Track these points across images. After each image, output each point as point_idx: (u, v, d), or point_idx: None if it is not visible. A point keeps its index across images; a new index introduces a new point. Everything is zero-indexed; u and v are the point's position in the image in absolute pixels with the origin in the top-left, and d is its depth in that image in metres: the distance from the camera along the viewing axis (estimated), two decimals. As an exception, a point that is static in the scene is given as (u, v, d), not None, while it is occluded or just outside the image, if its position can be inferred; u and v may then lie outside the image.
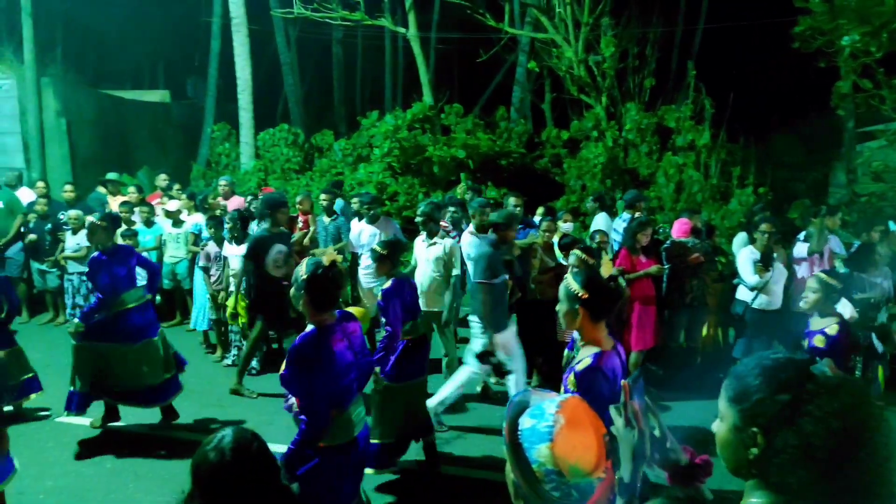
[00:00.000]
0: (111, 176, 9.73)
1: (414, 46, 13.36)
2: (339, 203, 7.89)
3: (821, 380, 1.19)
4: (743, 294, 6.14)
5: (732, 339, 6.78)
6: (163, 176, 9.53)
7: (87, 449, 5.00)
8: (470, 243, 5.95)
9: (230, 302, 6.52)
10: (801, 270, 6.34)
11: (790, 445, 1.16)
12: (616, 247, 6.80)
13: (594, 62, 11.68)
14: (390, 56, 22.72)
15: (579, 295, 2.65)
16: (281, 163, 12.37)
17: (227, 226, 6.61)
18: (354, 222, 7.01)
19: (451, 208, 6.45)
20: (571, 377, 2.62)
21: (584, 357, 2.65)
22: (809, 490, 1.16)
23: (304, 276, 2.96)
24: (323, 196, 7.47)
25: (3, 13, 16.12)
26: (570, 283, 2.71)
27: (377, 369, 4.38)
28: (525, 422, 1.43)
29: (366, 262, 6.61)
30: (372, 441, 4.26)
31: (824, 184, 13.40)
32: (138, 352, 5.10)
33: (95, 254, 5.16)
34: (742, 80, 16.04)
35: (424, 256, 5.86)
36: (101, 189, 9.48)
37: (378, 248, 4.71)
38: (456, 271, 5.81)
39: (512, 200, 7.07)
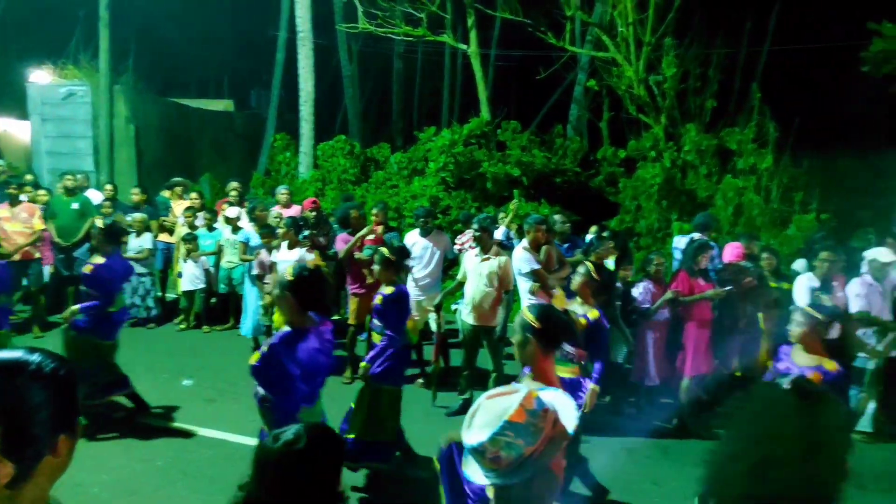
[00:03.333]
0: (178, 179, 10.03)
1: (474, 63, 13.44)
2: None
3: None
4: None
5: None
6: (234, 184, 9.65)
7: (141, 446, 5.14)
8: (521, 258, 5.91)
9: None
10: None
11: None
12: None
13: (655, 82, 11.50)
14: (449, 71, 22.96)
15: (530, 324, 2.67)
16: (338, 173, 12.57)
17: (278, 231, 6.78)
18: (408, 235, 7.04)
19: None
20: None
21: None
22: None
23: (290, 278, 3.12)
24: (374, 211, 7.55)
25: (82, 23, 17.06)
26: (525, 313, 2.74)
27: (364, 364, 4.52)
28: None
29: (418, 274, 6.62)
30: (349, 436, 4.40)
31: (891, 211, 12.75)
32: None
33: (102, 261, 5.41)
34: (808, 103, 15.49)
35: (477, 271, 5.80)
36: (166, 193, 9.83)
37: (387, 253, 4.69)
38: (510, 287, 5.76)
39: (557, 217, 7.04)
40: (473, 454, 1.49)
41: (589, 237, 7.51)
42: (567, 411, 1.61)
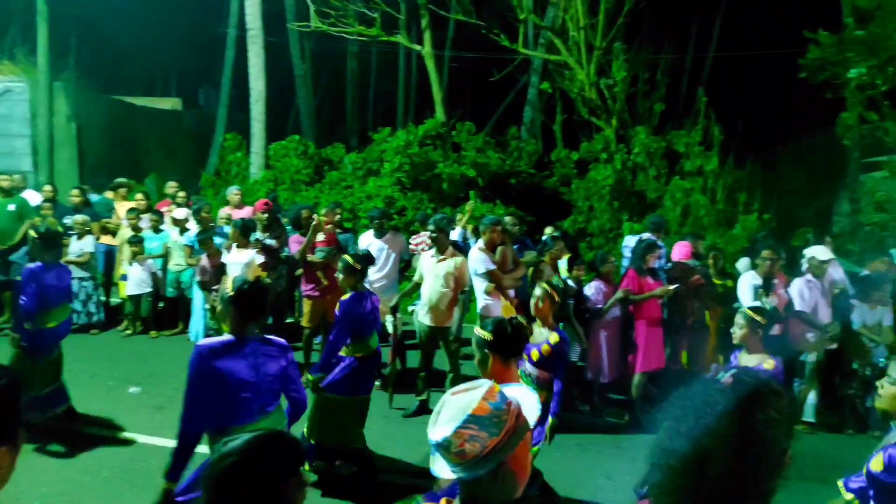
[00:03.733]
0: (122, 179, 9.71)
1: (428, 64, 13.46)
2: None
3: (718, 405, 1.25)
4: None
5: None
6: (171, 183, 9.50)
7: (85, 456, 4.94)
8: (477, 259, 5.94)
9: None
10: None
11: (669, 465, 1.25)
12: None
13: (605, 85, 11.76)
14: (404, 72, 22.91)
15: (485, 339, 2.78)
16: (291, 174, 12.40)
17: (227, 231, 6.63)
18: (363, 236, 6.98)
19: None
20: None
21: None
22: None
23: (231, 293, 3.09)
24: (323, 211, 7.48)
25: (18, 17, 16.31)
26: (478, 330, 2.85)
27: (310, 377, 4.44)
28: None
29: (373, 276, 6.59)
30: (310, 441, 4.41)
31: (829, 212, 13.39)
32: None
33: (33, 265, 5.16)
34: (751, 107, 16.11)
35: (433, 272, 5.80)
36: (109, 194, 9.48)
37: (351, 261, 4.62)
38: (466, 287, 5.79)
39: (508, 219, 7.18)
40: (439, 449, 1.53)
41: (545, 238, 7.62)
42: (530, 405, 1.65)
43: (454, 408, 1.54)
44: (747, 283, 5.99)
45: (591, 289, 6.16)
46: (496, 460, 1.49)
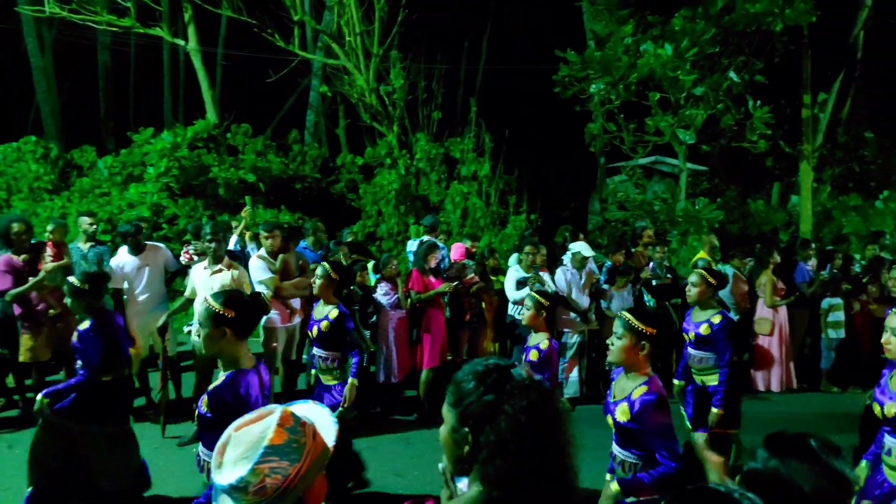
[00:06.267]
0: None
1: (195, 61, 12.49)
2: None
3: (516, 381, 1.34)
4: (512, 309, 6.63)
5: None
6: None
7: None
8: (256, 267, 5.62)
9: None
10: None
11: (490, 441, 1.30)
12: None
13: (385, 92, 11.99)
14: (170, 69, 20.97)
15: (224, 314, 2.56)
16: (28, 181, 10.54)
17: None
18: (119, 253, 6.08)
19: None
20: (205, 398, 2.55)
21: (219, 376, 2.62)
22: (509, 479, 1.29)
23: None
24: (84, 220, 6.48)
25: None
26: (212, 303, 2.59)
27: (43, 400, 3.78)
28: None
29: (134, 296, 5.87)
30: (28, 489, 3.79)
31: (584, 211, 15.32)
32: None
33: None
34: (517, 117, 17.74)
35: (207, 285, 5.31)
36: None
37: (76, 282, 3.98)
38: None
39: (321, 225, 7.17)
40: (232, 493, 1.35)
41: (328, 243, 7.52)
42: (325, 423, 1.53)
43: (244, 443, 1.37)
44: (512, 277, 6.50)
45: (383, 289, 6.21)
46: (301, 489, 1.37)
